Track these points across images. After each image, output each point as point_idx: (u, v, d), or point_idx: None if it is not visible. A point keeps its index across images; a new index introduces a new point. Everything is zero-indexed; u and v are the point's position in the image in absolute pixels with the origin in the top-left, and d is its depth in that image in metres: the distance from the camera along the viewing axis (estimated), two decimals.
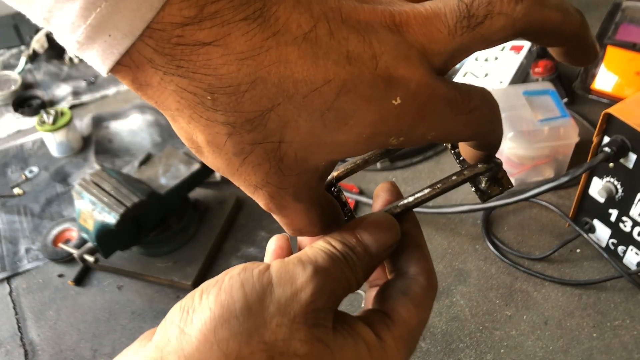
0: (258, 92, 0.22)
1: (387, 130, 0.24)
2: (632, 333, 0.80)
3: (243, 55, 0.22)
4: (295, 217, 0.28)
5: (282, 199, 0.26)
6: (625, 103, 0.79)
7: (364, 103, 0.23)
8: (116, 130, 1.29)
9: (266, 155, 0.24)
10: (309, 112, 0.23)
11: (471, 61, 1.31)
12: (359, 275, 0.29)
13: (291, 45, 0.22)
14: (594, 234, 0.90)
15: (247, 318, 0.24)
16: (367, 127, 0.24)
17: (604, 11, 1.20)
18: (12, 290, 0.96)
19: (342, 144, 0.24)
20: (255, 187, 0.26)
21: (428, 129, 0.25)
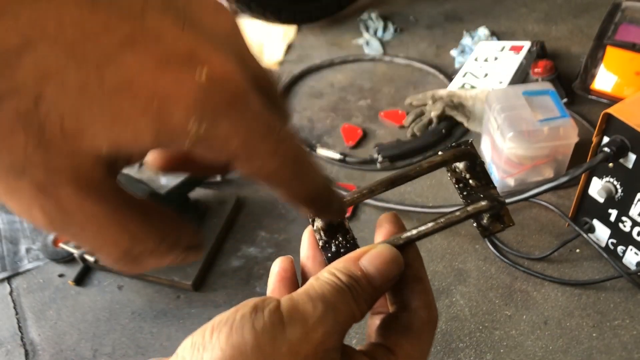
0: (5, 25, 0.17)
1: (182, 106, 0.19)
2: (632, 333, 0.80)
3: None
4: (93, 225, 0.21)
5: (58, 192, 0.19)
6: (625, 103, 0.80)
7: (155, 65, 0.19)
8: None
9: (19, 119, 0.18)
10: (79, 61, 0.18)
11: (471, 61, 1.31)
12: (363, 307, 0.29)
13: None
14: (594, 234, 0.90)
15: (258, 358, 0.24)
16: (156, 97, 0.19)
17: (604, 11, 1.20)
18: (13, 290, 0.97)
19: (125, 116, 0.19)
20: (15, 172, 0.19)
21: (232, 128, 0.20)
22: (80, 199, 0.20)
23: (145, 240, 0.22)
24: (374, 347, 0.30)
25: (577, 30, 1.43)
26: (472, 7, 1.58)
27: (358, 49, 1.48)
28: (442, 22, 1.54)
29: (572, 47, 1.36)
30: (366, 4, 1.63)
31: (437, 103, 1.17)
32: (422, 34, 1.51)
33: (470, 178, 0.34)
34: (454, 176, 0.34)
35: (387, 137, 1.19)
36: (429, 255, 0.93)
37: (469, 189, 0.34)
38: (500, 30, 1.46)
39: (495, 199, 0.32)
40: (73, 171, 0.19)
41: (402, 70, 1.39)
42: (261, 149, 0.22)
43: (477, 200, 0.32)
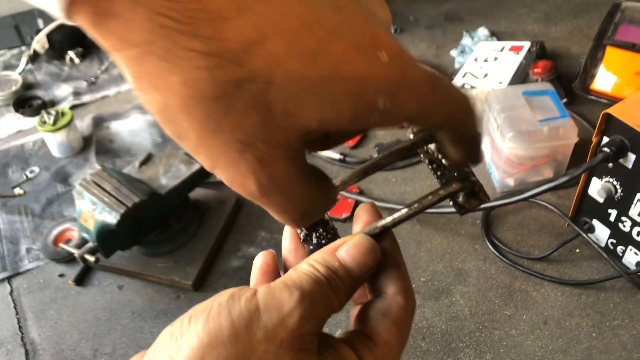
0: (244, 22, 0.20)
1: (375, 86, 0.23)
2: (632, 333, 0.80)
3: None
4: (292, 190, 0.25)
5: (274, 163, 0.23)
6: (625, 103, 0.80)
7: (354, 51, 0.22)
8: (117, 130, 1.30)
9: (253, 102, 0.21)
10: (300, 50, 0.21)
11: (470, 62, 1.31)
12: (341, 298, 0.29)
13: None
14: (593, 234, 0.90)
15: (235, 345, 0.25)
16: (357, 80, 0.23)
17: (604, 11, 1.20)
18: (13, 290, 0.97)
19: (332, 97, 0.22)
20: (243, 146, 0.22)
21: (411, 95, 0.24)
22: (289, 168, 0.24)
23: (319, 199, 0.27)
24: (352, 335, 0.31)
25: (577, 30, 1.43)
26: (472, 7, 1.58)
27: None
28: (442, 23, 1.54)
29: (571, 48, 1.36)
30: None
31: None
32: (422, 34, 1.51)
33: (442, 157, 0.34)
34: (427, 157, 0.35)
35: (387, 137, 1.19)
36: (428, 255, 0.93)
37: (443, 168, 0.34)
38: (500, 30, 1.46)
39: (466, 179, 0.32)
40: (287, 145, 0.23)
41: None
42: (432, 104, 0.26)
43: (449, 182, 0.32)
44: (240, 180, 0.24)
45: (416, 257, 0.94)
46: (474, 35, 1.44)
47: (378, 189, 1.07)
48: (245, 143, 0.22)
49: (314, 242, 0.35)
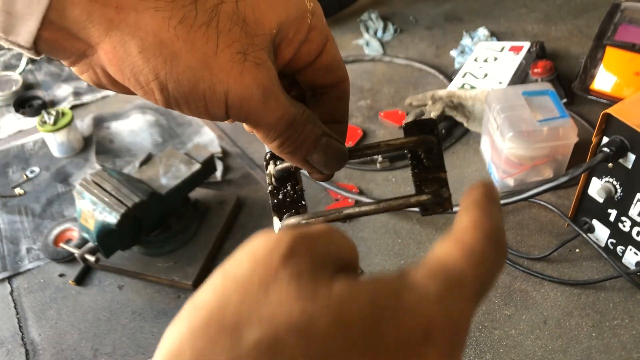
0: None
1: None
2: (631, 332, 0.80)
3: None
4: (281, 92, 0.30)
5: (266, 64, 0.28)
6: (625, 103, 0.80)
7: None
8: (117, 130, 1.30)
9: (232, 19, 0.27)
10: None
11: (470, 62, 1.31)
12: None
13: None
14: (593, 234, 0.90)
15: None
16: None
17: (604, 11, 1.20)
18: (13, 290, 0.97)
19: (281, 3, 0.28)
20: (241, 55, 0.27)
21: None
22: (272, 65, 0.29)
23: (303, 110, 0.31)
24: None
25: (577, 30, 1.43)
26: (472, 7, 1.58)
27: (358, 49, 1.48)
28: (442, 23, 1.54)
29: (571, 48, 1.36)
30: (366, 4, 1.63)
31: (437, 103, 1.18)
32: (422, 35, 1.51)
33: (424, 158, 0.35)
34: (412, 158, 0.36)
35: (387, 137, 1.19)
36: None
37: (421, 167, 0.35)
38: (499, 30, 1.46)
39: (439, 190, 0.34)
40: (267, 49, 0.28)
41: (402, 71, 1.39)
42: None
43: (422, 190, 0.34)
44: (247, 91, 0.28)
45: (416, 257, 0.94)
46: (474, 35, 1.44)
47: (378, 189, 1.07)
48: (241, 52, 0.27)
49: (279, 197, 0.36)
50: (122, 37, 0.26)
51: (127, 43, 0.26)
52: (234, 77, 0.27)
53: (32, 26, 0.26)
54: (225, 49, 0.27)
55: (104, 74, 0.29)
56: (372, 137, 1.19)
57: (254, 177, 1.13)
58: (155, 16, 0.26)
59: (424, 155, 0.35)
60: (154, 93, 0.28)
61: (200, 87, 0.27)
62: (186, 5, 0.26)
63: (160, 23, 0.26)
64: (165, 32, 0.26)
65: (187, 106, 0.29)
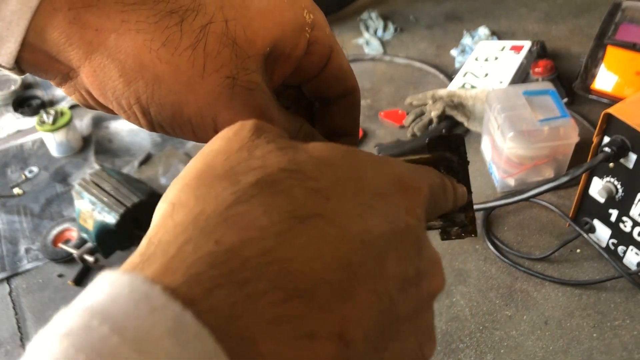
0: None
1: (301, 4, 0.28)
2: (632, 333, 0.80)
3: None
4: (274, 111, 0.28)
5: (257, 88, 0.27)
6: (626, 103, 0.79)
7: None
8: (116, 130, 1.29)
9: (221, 41, 0.25)
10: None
11: (471, 61, 1.31)
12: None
13: None
14: (594, 234, 0.90)
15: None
16: (289, 2, 0.27)
17: (604, 11, 1.20)
18: (12, 290, 0.97)
19: (275, 18, 0.27)
20: (230, 80, 0.26)
21: (322, 16, 0.29)
22: (268, 92, 0.27)
23: (300, 127, 0.30)
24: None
25: (578, 30, 1.43)
26: (472, 7, 1.58)
27: (358, 49, 1.48)
28: (442, 22, 1.54)
29: (572, 47, 1.36)
30: (366, 4, 1.63)
31: (437, 103, 1.17)
32: (422, 34, 1.51)
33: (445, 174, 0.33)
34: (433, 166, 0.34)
35: (387, 137, 1.18)
36: None
37: None
38: (500, 30, 1.46)
39: (460, 219, 0.31)
40: (259, 70, 0.27)
41: (402, 70, 1.39)
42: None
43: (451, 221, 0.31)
44: (238, 117, 0.26)
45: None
46: (475, 34, 1.43)
47: None
48: (231, 76, 0.26)
49: None
50: (101, 60, 0.25)
51: (107, 66, 0.25)
52: (223, 103, 0.26)
53: (11, 47, 0.25)
54: (213, 73, 0.25)
55: (90, 96, 0.28)
56: (372, 137, 1.19)
57: None
58: (135, 38, 0.24)
59: (444, 172, 0.32)
60: (137, 117, 0.27)
61: (185, 112, 0.26)
62: (170, 26, 0.25)
63: (141, 45, 0.24)
64: (147, 54, 0.24)
65: (172, 130, 0.27)
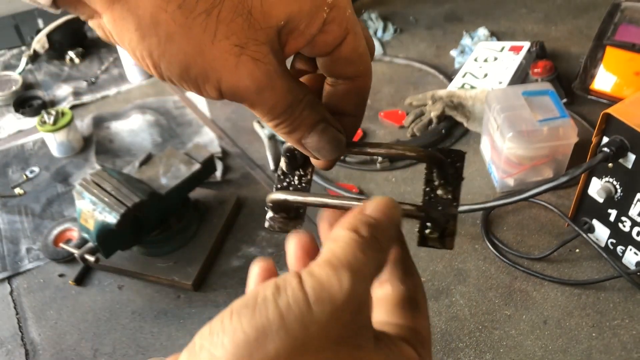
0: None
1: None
2: (631, 332, 0.80)
3: None
4: (280, 84, 0.29)
5: (265, 59, 0.28)
6: (625, 103, 0.80)
7: None
8: (117, 130, 1.30)
9: (236, 9, 0.26)
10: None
11: (470, 62, 1.31)
12: (386, 257, 0.27)
13: None
14: (593, 234, 0.90)
15: (285, 341, 0.22)
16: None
17: (604, 11, 1.20)
18: (13, 290, 0.97)
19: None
20: (238, 49, 0.27)
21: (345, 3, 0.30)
22: (277, 64, 0.28)
23: (300, 92, 0.30)
24: (404, 331, 0.29)
25: (577, 30, 1.43)
26: (472, 7, 1.58)
27: None
28: (442, 23, 1.54)
29: (571, 48, 1.36)
30: (366, 4, 1.63)
31: (437, 103, 1.18)
32: (422, 34, 1.51)
33: (439, 185, 0.33)
34: (427, 177, 0.34)
35: (387, 137, 1.19)
36: (428, 255, 0.93)
37: (433, 195, 0.33)
38: (499, 30, 1.46)
39: (444, 217, 0.31)
40: (271, 43, 0.28)
41: (402, 71, 1.39)
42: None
43: (428, 209, 0.32)
44: (241, 83, 0.28)
45: (416, 257, 0.93)
46: (474, 35, 1.44)
47: (378, 189, 1.07)
48: (239, 45, 0.27)
49: (284, 184, 0.36)
50: (121, 12, 0.26)
51: (126, 19, 0.26)
52: (228, 69, 0.27)
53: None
54: (223, 39, 0.26)
55: (112, 37, 0.29)
56: (372, 137, 1.19)
57: (254, 177, 1.13)
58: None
59: (437, 181, 0.33)
60: (149, 68, 0.28)
61: (192, 71, 0.27)
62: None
63: (158, 5, 0.26)
64: (163, 14, 0.26)
65: (180, 85, 0.29)
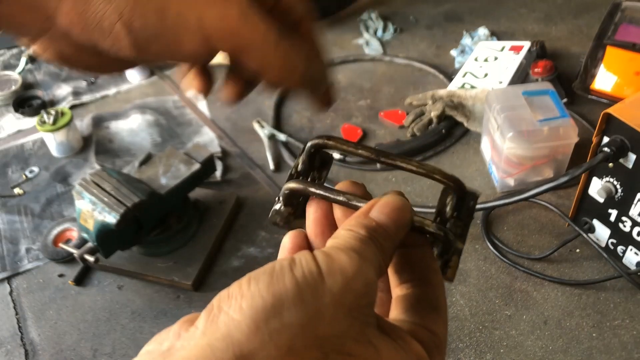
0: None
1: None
2: (632, 333, 0.80)
3: None
4: (267, 23, 0.29)
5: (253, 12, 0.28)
6: (625, 103, 0.80)
7: None
8: (116, 130, 1.29)
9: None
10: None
11: (471, 61, 1.31)
12: (386, 258, 0.27)
13: None
14: (594, 234, 0.90)
15: (301, 309, 0.23)
16: None
17: (604, 11, 1.20)
18: (13, 290, 0.97)
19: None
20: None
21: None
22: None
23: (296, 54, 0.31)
24: (417, 328, 0.28)
25: (577, 30, 1.43)
26: (472, 7, 1.58)
27: (358, 49, 1.48)
28: (442, 22, 1.54)
29: (572, 47, 1.36)
30: (366, 4, 1.63)
31: (437, 103, 1.17)
32: (422, 34, 1.51)
33: (449, 219, 0.33)
34: (439, 208, 0.34)
35: (387, 137, 1.19)
36: None
37: (443, 221, 0.33)
38: (500, 30, 1.46)
39: (452, 240, 0.31)
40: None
41: (402, 70, 1.39)
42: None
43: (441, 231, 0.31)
44: (225, 12, 0.28)
45: None
46: (474, 35, 1.44)
47: (378, 189, 1.07)
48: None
49: (299, 170, 0.35)
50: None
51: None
52: (204, 1, 0.27)
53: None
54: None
55: (68, 43, 0.28)
56: (372, 137, 1.19)
57: (254, 177, 1.13)
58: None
59: (449, 213, 0.33)
60: (121, 37, 0.27)
61: (168, 17, 0.26)
62: None
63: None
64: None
65: (158, 45, 0.28)
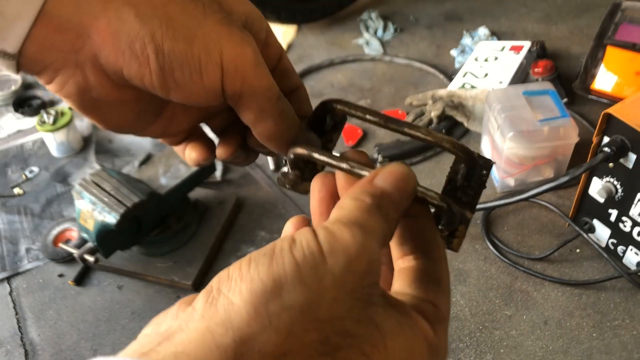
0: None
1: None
2: (632, 333, 0.80)
3: None
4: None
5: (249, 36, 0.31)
6: (625, 103, 0.79)
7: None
8: None
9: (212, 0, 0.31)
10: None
11: (471, 61, 1.31)
12: (392, 225, 0.27)
13: None
14: (594, 234, 0.90)
15: (301, 292, 0.22)
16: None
17: (604, 11, 1.20)
18: (13, 290, 0.97)
19: (244, 2, 0.33)
20: (228, 19, 0.31)
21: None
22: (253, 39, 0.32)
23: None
24: (420, 303, 0.28)
25: (577, 30, 1.43)
26: (472, 7, 1.58)
27: (358, 49, 1.48)
28: (442, 22, 1.54)
29: (572, 47, 1.36)
30: (366, 4, 1.63)
31: (437, 103, 1.17)
32: (422, 34, 1.51)
33: (460, 187, 0.33)
34: (450, 176, 0.34)
35: (387, 137, 1.19)
36: None
37: (453, 195, 0.33)
38: (500, 30, 1.46)
39: (455, 213, 0.31)
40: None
41: (402, 70, 1.39)
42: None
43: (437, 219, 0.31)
44: (240, 51, 0.30)
45: None
46: (474, 34, 1.43)
47: None
48: (226, 17, 0.30)
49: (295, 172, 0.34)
50: (117, 7, 0.28)
51: (122, 10, 0.28)
52: (225, 36, 0.30)
53: (24, 26, 0.27)
54: (211, 14, 0.30)
55: (92, 69, 0.29)
56: (372, 137, 1.19)
57: (254, 177, 1.13)
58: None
59: (460, 182, 0.33)
60: (149, 61, 0.29)
61: (195, 47, 0.29)
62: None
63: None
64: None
65: (181, 73, 0.29)
